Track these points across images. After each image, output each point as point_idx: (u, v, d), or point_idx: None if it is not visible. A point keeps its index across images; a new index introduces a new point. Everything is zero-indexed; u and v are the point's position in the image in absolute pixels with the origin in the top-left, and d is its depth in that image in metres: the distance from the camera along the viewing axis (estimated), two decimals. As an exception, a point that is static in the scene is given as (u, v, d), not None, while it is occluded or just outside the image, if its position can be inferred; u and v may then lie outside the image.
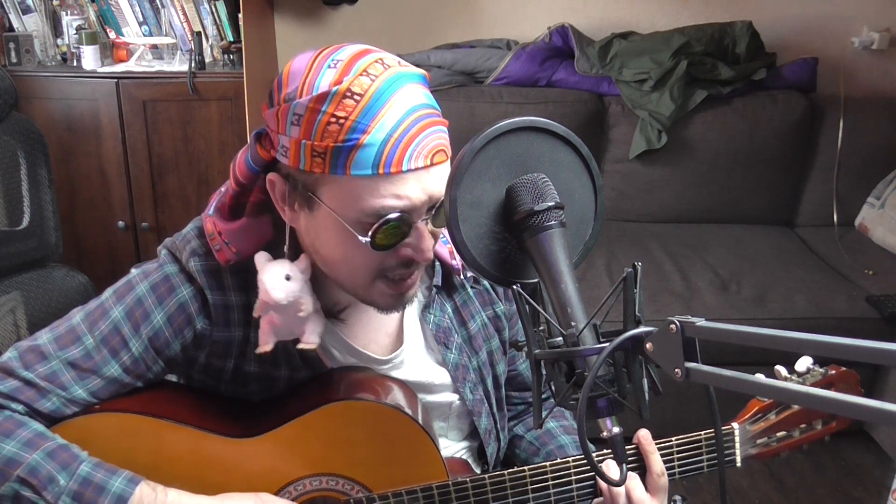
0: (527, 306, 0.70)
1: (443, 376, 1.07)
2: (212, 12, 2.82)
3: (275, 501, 0.95)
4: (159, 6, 2.81)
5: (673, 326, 0.60)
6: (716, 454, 1.04)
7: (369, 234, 0.84)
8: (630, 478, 0.99)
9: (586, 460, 0.84)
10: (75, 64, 2.74)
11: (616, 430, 0.67)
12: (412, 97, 0.83)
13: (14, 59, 2.70)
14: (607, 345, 0.64)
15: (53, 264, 1.90)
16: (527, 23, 3.01)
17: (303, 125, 0.82)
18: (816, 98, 2.87)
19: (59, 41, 2.82)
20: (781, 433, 1.08)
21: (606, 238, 2.69)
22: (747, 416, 1.08)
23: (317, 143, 0.81)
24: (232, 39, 2.82)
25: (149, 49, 2.84)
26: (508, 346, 1.13)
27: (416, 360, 1.06)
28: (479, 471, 1.14)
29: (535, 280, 0.75)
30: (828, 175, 2.86)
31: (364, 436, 0.98)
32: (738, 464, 1.08)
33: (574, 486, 1.01)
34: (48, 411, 0.92)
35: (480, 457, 1.15)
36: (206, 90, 2.67)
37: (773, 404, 1.08)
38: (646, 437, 1.02)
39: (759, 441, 1.08)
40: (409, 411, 0.98)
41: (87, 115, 2.68)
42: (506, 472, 0.99)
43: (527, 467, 1.00)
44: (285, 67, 0.87)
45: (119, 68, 2.72)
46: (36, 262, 1.86)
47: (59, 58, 2.82)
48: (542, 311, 0.71)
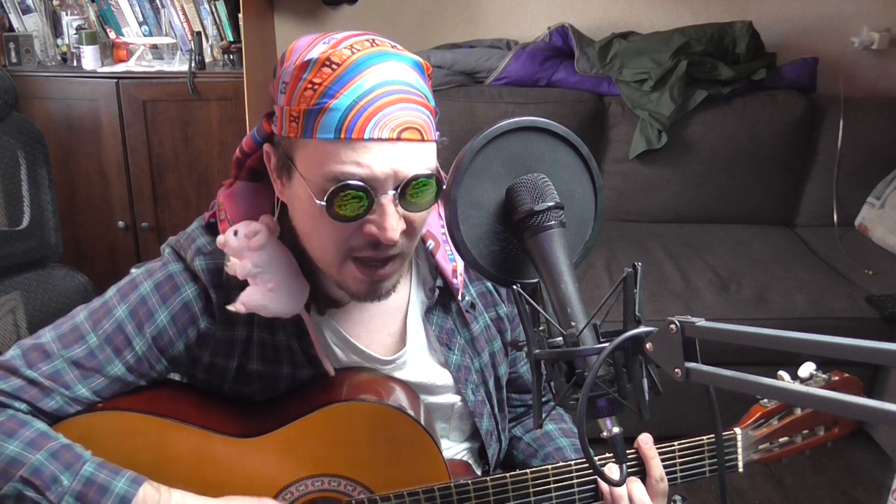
0: (527, 306, 0.70)
1: (445, 377, 1.07)
2: (212, 12, 2.82)
3: None
4: (159, 6, 2.81)
5: (673, 326, 0.60)
6: (717, 458, 1.04)
7: (325, 197, 0.82)
8: (631, 481, 0.99)
9: (587, 461, 0.84)
10: (75, 64, 2.74)
11: (616, 430, 0.67)
12: (391, 72, 0.82)
13: (14, 59, 2.70)
14: (607, 345, 0.64)
15: (53, 264, 1.90)
16: (527, 23, 3.02)
17: (287, 92, 0.84)
18: (816, 98, 2.87)
19: (59, 41, 2.82)
20: (784, 439, 1.08)
21: (606, 238, 2.69)
22: (750, 422, 1.07)
23: (293, 108, 0.83)
24: (232, 39, 2.82)
25: (149, 49, 2.84)
26: (509, 347, 1.13)
27: (418, 361, 1.06)
28: (480, 472, 1.15)
29: (535, 280, 0.75)
30: (828, 175, 2.86)
31: (366, 437, 0.98)
32: (740, 469, 1.07)
33: (576, 489, 1.01)
34: (51, 410, 0.92)
35: (482, 458, 1.15)
36: (206, 90, 2.67)
37: (775, 410, 1.07)
38: (646, 441, 1.01)
39: (762, 446, 1.07)
40: (411, 412, 0.98)
41: (87, 115, 2.68)
42: (507, 474, 0.99)
43: (528, 470, 1.00)
44: (289, 46, 0.89)
45: (119, 68, 2.72)
46: (36, 262, 1.86)
47: (59, 58, 2.82)
48: (542, 311, 0.71)
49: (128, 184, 2.76)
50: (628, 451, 1.00)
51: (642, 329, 0.64)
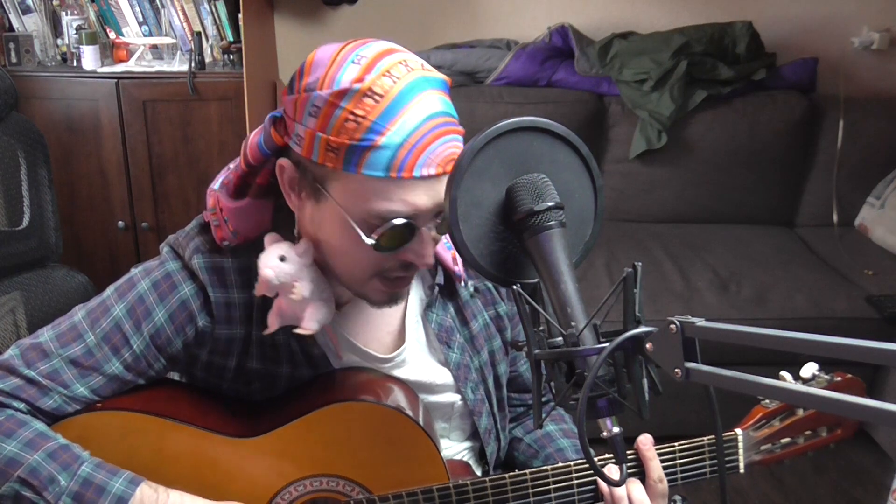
0: (527, 306, 0.70)
1: (445, 376, 1.07)
2: (212, 12, 2.82)
3: None
4: (159, 6, 2.81)
5: (673, 326, 0.60)
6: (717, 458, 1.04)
7: (374, 236, 0.84)
8: (631, 482, 0.99)
9: (587, 461, 0.84)
10: (75, 64, 2.74)
11: (616, 430, 0.67)
12: (431, 103, 0.83)
13: (14, 59, 2.70)
14: (607, 345, 0.64)
15: (53, 264, 1.90)
16: (527, 23, 3.02)
17: (320, 118, 0.82)
18: (816, 98, 2.87)
19: (59, 41, 2.81)
20: (786, 440, 1.07)
21: (606, 238, 2.69)
22: (751, 423, 1.07)
23: (332, 138, 0.82)
24: (232, 39, 2.82)
25: (149, 49, 2.84)
26: (509, 346, 1.13)
27: (418, 360, 1.06)
28: (480, 472, 1.14)
29: (535, 280, 0.75)
30: (828, 175, 2.86)
31: (365, 437, 0.98)
32: (742, 470, 1.07)
33: (575, 489, 1.01)
34: (50, 409, 0.92)
35: (482, 458, 1.15)
36: (206, 90, 2.67)
37: (777, 411, 1.07)
38: (645, 442, 1.01)
39: (763, 448, 1.07)
40: (410, 413, 0.98)
41: (87, 115, 2.68)
42: (507, 475, 0.99)
43: (528, 470, 1.00)
44: (309, 56, 0.87)
45: (119, 68, 2.71)
46: (36, 262, 1.86)
47: (59, 58, 2.82)
48: (542, 311, 0.71)
49: (128, 184, 2.76)
50: (628, 452, 1.00)
51: (642, 329, 0.64)
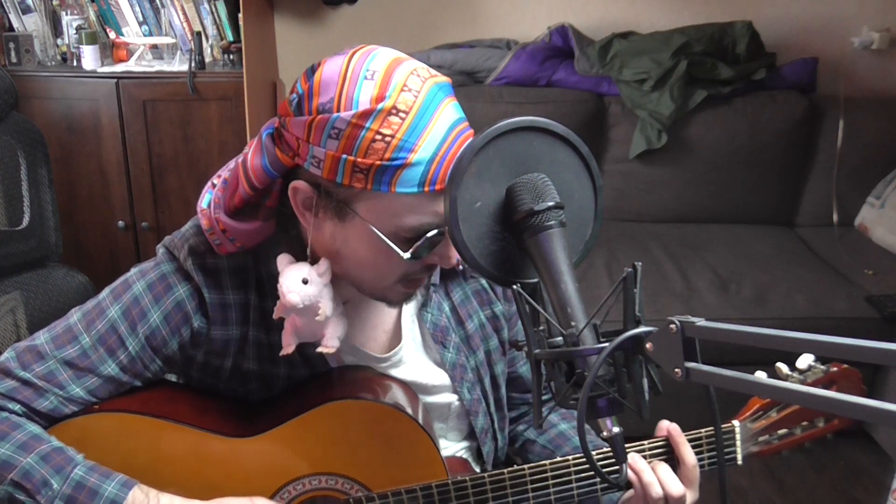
0: (527, 306, 0.70)
1: (441, 377, 1.07)
2: (212, 12, 2.82)
3: None
4: (159, 6, 2.81)
5: (673, 326, 0.60)
6: (716, 452, 1.04)
7: (410, 251, 0.85)
8: (660, 467, 0.98)
9: (587, 461, 0.84)
10: (75, 64, 2.74)
11: (616, 429, 0.67)
12: (450, 112, 0.83)
13: (14, 59, 2.70)
14: (607, 345, 0.64)
15: (53, 264, 1.90)
16: (527, 23, 3.01)
17: (343, 139, 0.80)
18: (816, 98, 2.87)
19: (59, 41, 2.81)
20: (783, 431, 1.08)
21: (606, 238, 2.69)
22: (748, 414, 1.07)
23: (360, 160, 0.80)
24: (232, 39, 2.82)
25: (149, 49, 2.84)
26: (508, 346, 1.13)
27: (414, 359, 1.06)
28: (479, 470, 1.14)
29: (535, 280, 0.75)
30: (828, 175, 2.86)
31: (363, 435, 0.98)
32: (740, 462, 1.07)
33: (574, 484, 1.01)
34: (46, 411, 0.92)
35: (480, 457, 1.15)
36: (206, 90, 2.67)
37: (773, 401, 1.07)
38: (676, 428, 1.02)
39: (761, 439, 1.07)
40: (408, 410, 0.98)
41: (87, 115, 2.68)
42: (505, 470, 0.99)
43: (526, 466, 1.00)
44: (316, 75, 0.83)
45: (119, 68, 2.71)
46: (36, 262, 1.86)
47: (59, 58, 2.82)
48: (542, 311, 0.71)
49: (128, 184, 2.76)
50: (656, 440, 1.02)
51: (642, 329, 0.64)
